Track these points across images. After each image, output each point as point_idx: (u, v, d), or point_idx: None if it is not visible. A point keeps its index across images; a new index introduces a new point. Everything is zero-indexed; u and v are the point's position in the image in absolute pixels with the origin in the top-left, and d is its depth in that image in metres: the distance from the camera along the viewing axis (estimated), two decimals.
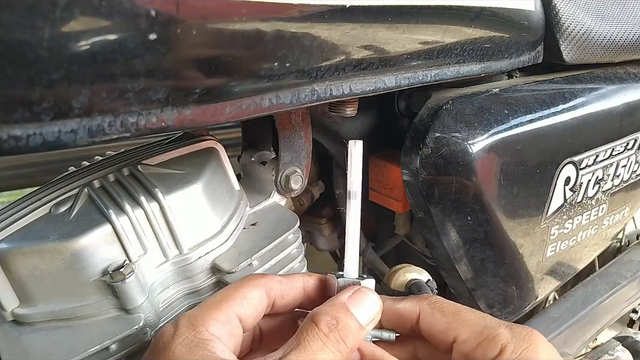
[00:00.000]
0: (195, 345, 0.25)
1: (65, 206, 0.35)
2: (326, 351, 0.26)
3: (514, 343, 0.27)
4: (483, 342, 0.28)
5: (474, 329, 0.28)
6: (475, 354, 0.28)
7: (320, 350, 0.26)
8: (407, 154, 0.41)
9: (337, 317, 0.27)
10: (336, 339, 0.26)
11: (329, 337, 0.26)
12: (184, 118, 0.24)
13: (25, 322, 0.35)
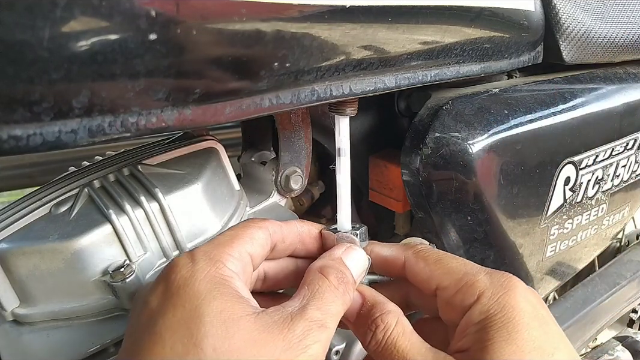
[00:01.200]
0: (219, 282, 0.25)
1: (65, 206, 0.35)
2: (337, 303, 0.27)
3: (492, 289, 0.28)
4: (462, 289, 0.29)
5: (454, 276, 0.29)
6: (455, 300, 0.29)
7: (333, 302, 0.27)
8: (407, 154, 0.41)
9: (342, 271, 0.29)
10: (344, 290, 0.28)
11: (339, 289, 0.28)
12: (184, 118, 0.24)
13: (25, 322, 0.35)
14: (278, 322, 0.25)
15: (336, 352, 0.53)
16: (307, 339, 0.25)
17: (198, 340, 0.23)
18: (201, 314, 0.23)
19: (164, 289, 0.25)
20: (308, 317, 0.26)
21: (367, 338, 0.29)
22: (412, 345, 0.28)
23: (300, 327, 0.25)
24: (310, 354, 0.24)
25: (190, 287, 0.24)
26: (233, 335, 0.23)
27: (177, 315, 0.24)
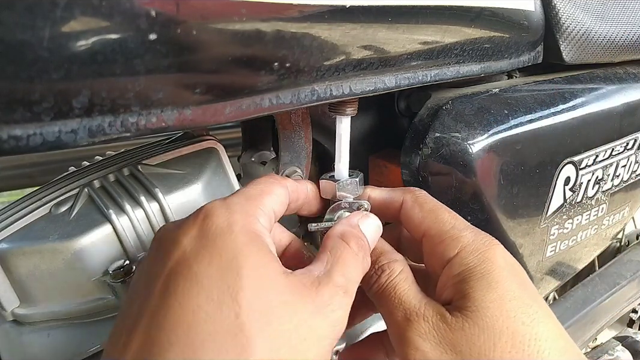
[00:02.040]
0: (254, 237, 0.25)
1: (65, 206, 0.35)
2: (358, 269, 0.28)
3: (474, 245, 0.29)
4: (445, 240, 0.30)
5: (441, 227, 0.30)
6: (437, 250, 0.30)
7: (355, 268, 0.28)
8: (407, 154, 0.41)
9: (361, 238, 0.30)
10: (363, 256, 0.29)
11: (359, 255, 0.29)
12: (184, 118, 0.24)
13: (25, 322, 0.35)
14: (307, 285, 0.26)
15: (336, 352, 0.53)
16: (333, 304, 0.26)
17: (234, 292, 0.23)
18: (238, 267, 0.24)
19: (199, 234, 0.25)
20: (333, 282, 0.26)
21: (371, 281, 0.30)
22: (411, 291, 0.29)
23: (327, 292, 0.26)
24: (334, 318, 0.25)
25: (227, 237, 0.24)
26: (267, 294, 0.24)
27: (214, 264, 0.24)
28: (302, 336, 0.24)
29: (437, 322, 0.27)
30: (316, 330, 0.24)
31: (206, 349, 0.22)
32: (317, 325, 0.25)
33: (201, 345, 0.22)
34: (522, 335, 0.26)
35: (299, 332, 0.24)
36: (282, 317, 0.23)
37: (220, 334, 0.22)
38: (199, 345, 0.22)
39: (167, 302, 0.23)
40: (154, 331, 0.22)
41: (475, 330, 0.26)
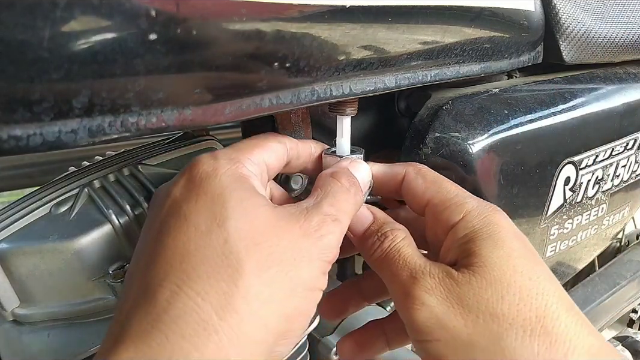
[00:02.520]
0: (239, 178, 0.26)
1: (65, 206, 0.35)
2: (349, 202, 0.29)
3: (478, 210, 0.29)
4: (450, 207, 0.30)
5: (446, 195, 0.31)
6: (442, 216, 0.30)
7: (345, 200, 0.29)
8: (407, 154, 0.41)
9: (352, 176, 0.31)
10: (355, 192, 0.30)
11: (350, 190, 0.30)
12: (184, 118, 0.24)
13: (25, 322, 0.35)
14: (295, 214, 0.26)
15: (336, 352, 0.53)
16: (322, 230, 0.26)
17: (221, 221, 0.24)
18: (224, 200, 0.25)
19: (187, 181, 0.26)
20: (322, 211, 0.27)
21: (373, 248, 0.30)
22: (415, 254, 0.29)
23: (315, 219, 0.26)
24: (325, 242, 0.26)
25: (213, 179, 0.26)
26: (254, 219, 0.25)
27: (201, 201, 0.25)
28: (291, 257, 0.25)
29: (444, 278, 0.27)
30: (306, 252, 0.25)
31: (200, 273, 0.23)
32: (306, 247, 0.25)
33: (194, 271, 0.23)
34: (529, 290, 0.26)
35: (288, 253, 0.24)
36: (270, 240, 0.24)
37: (212, 259, 0.23)
38: (192, 272, 0.23)
39: (160, 242, 0.24)
40: (150, 270, 0.24)
41: (483, 284, 0.26)
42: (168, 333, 0.21)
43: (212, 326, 0.22)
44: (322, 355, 0.54)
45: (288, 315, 0.24)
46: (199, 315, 0.22)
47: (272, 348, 0.24)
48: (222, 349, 0.22)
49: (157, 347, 0.21)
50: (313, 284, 0.25)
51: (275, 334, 0.24)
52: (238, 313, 0.22)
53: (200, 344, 0.21)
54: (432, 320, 0.26)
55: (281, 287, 0.24)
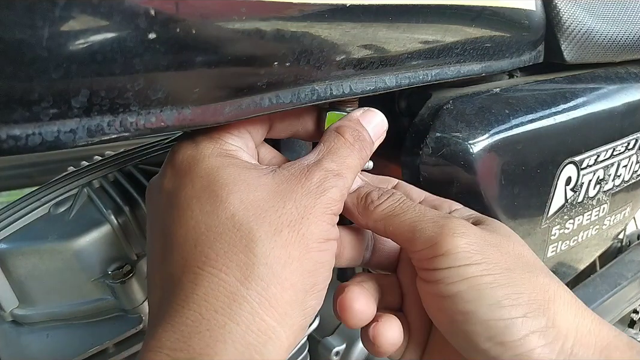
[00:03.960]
0: (226, 155, 0.26)
1: (64, 206, 0.35)
2: (353, 157, 0.29)
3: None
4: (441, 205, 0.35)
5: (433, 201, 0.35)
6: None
7: (348, 156, 0.29)
8: (408, 154, 0.40)
9: (359, 130, 0.30)
10: (360, 147, 0.30)
11: (355, 145, 0.29)
12: (184, 118, 0.24)
13: (24, 323, 0.35)
14: (295, 174, 0.27)
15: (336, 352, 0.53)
16: (324, 185, 0.26)
17: (224, 197, 0.24)
18: (220, 178, 0.25)
19: (175, 171, 0.26)
20: (324, 167, 0.27)
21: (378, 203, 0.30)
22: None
23: (317, 175, 0.27)
24: (328, 196, 0.26)
25: (202, 161, 0.26)
26: (256, 189, 0.25)
27: (197, 185, 0.25)
28: (299, 216, 0.25)
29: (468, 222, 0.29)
30: (311, 209, 0.25)
31: (217, 250, 0.23)
32: (311, 204, 0.26)
33: (211, 250, 0.23)
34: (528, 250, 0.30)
35: (295, 214, 0.25)
36: (276, 205, 0.25)
37: (225, 234, 0.24)
38: (209, 251, 0.23)
39: (170, 235, 0.25)
40: (168, 263, 0.24)
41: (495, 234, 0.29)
42: (201, 310, 0.22)
43: (242, 296, 0.22)
44: (322, 356, 0.54)
45: (310, 270, 0.25)
46: (226, 288, 0.22)
47: (304, 304, 0.25)
48: (256, 314, 0.22)
49: (193, 324, 0.22)
50: (325, 236, 0.26)
51: (303, 290, 0.25)
52: (263, 279, 0.23)
53: (233, 314, 0.22)
54: (473, 246, 0.27)
55: (297, 246, 0.24)
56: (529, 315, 0.26)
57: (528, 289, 0.27)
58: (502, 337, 0.26)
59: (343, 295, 0.29)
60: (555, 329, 0.26)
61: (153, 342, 0.22)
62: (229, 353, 0.21)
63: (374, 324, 0.29)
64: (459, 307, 0.27)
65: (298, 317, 0.24)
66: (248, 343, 0.22)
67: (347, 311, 0.29)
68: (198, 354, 0.21)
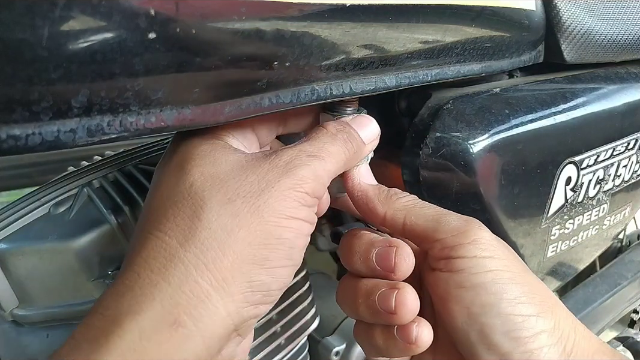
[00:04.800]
0: (210, 137, 0.27)
1: (64, 206, 0.35)
2: (335, 145, 0.28)
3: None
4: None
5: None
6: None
7: (329, 142, 0.28)
8: (408, 154, 0.40)
9: (344, 126, 0.30)
10: (343, 138, 0.29)
11: (337, 135, 0.29)
12: (184, 118, 0.24)
13: (24, 323, 0.35)
14: (267, 154, 0.27)
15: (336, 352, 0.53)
16: (294, 161, 0.26)
17: (187, 169, 0.25)
18: (192, 154, 0.26)
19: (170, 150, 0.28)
20: (297, 148, 0.27)
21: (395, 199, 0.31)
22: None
23: (287, 153, 0.26)
24: (297, 173, 0.26)
25: (186, 142, 0.27)
26: (220, 163, 0.26)
27: (173, 162, 0.27)
28: (259, 189, 0.25)
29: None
30: (274, 183, 0.25)
31: (168, 216, 0.24)
32: (274, 177, 0.25)
33: (163, 216, 0.24)
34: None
35: (255, 186, 0.25)
36: (236, 177, 0.25)
37: (178, 202, 0.24)
38: (162, 217, 0.24)
39: (145, 205, 0.27)
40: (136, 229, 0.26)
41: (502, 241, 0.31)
42: (139, 270, 0.23)
43: (178, 257, 0.23)
44: (322, 356, 0.54)
45: (261, 243, 0.24)
46: (166, 250, 0.23)
47: (250, 276, 0.24)
48: (190, 276, 0.23)
49: (129, 283, 0.23)
50: (288, 213, 0.25)
51: (249, 261, 0.24)
52: (202, 243, 0.23)
53: (167, 274, 0.22)
54: (495, 242, 0.29)
55: (248, 216, 0.24)
56: (541, 315, 0.27)
57: (540, 292, 0.28)
58: (517, 333, 0.27)
59: (401, 290, 0.28)
60: (559, 331, 0.27)
61: (96, 305, 0.23)
62: (155, 310, 0.22)
63: (416, 322, 0.29)
64: (482, 298, 0.27)
65: (240, 287, 0.24)
66: (177, 303, 0.22)
67: (404, 307, 0.28)
68: (125, 310, 0.22)
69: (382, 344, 0.30)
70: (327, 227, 0.62)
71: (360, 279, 0.31)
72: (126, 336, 0.21)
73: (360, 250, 0.30)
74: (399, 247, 0.29)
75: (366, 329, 0.31)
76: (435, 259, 0.30)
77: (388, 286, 0.29)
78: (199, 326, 0.22)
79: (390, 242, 0.30)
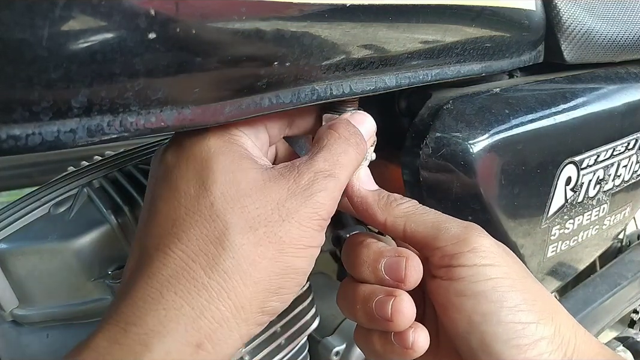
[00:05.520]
0: (228, 140, 0.27)
1: (64, 206, 0.35)
2: (349, 153, 0.28)
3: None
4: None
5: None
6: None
7: (343, 152, 0.28)
8: (408, 154, 0.40)
9: (351, 125, 0.30)
10: (355, 142, 0.29)
11: (350, 139, 0.29)
12: (184, 118, 0.24)
13: (24, 323, 0.35)
14: (284, 174, 0.26)
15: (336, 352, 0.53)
16: (313, 187, 0.26)
17: (208, 185, 0.25)
18: (211, 164, 0.26)
19: (177, 146, 0.27)
20: (314, 168, 0.27)
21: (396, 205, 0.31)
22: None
23: (305, 177, 0.26)
24: (316, 201, 0.26)
25: (201, 142, 0.26)
26: (240, 182, 0.25)
27: (190, 166, 0.26)
28: (280, 217, 0.25)
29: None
30: (294, 212, 0.25)
31: (190, 237, 0.24)
32: (295, 207, 0.25)
33: (184, 235, 0.24)
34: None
35: (275, 214, 0.25)
36: (257, 202, 0.25)
37: (200, 223, 0.24)
38: (183, 235, 0.24)
39: (154, 208, 0.26)
40: (147, 235, 0.25)
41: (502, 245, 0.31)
42: (162, 290, 0.23)
43: (202, 284, 0.23)
44: (322, 356, 0.54)
45: (279, 273, 0.25)
46: (190, 274, 0.23)
47: (265, 303, 0.25)
48: (212, 303, 0.23)
49: (152, 301, 0.23)
50: (305, 242, 0.26)
51: (266, 290, 0.25)
52: (226, 272, 0.24)
53: (191, 299, 0.23)
54: (495, 248, 0.29)
55: (270, 247, 0.25)
56: (541, 322, 0.27)
57: (540, 298, 0.28)
58: (517, 341, 0.27)
59: (398, 298, 0.28)
60: (560, 337, 0.27)
61: (115, 314, 0.23)
62: (180, 333, 0.22)
63: (413, 328, 0.29)
64: (482, 306, 0.27)
65: (254, 313, 0.25)
66: (199, 327, 0.23)
67: (400, 314, 0.28)
68: (150, 330, 0.22)
69: (380, 349, 0.30)
70: (328, 228, 0.62)
71: (359, 284, 0.31)
72: (154, 357, 0.22)
73: (368, 259, 0.30)
74: (409, 257, 0.29)
75: (365, 333, 0.31)
76: (435, 267, 0.30)
77: (385, 293, 0.29)
78: (216, 349, 0.23)
79: (400, 252, 0.30)
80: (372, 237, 0.33)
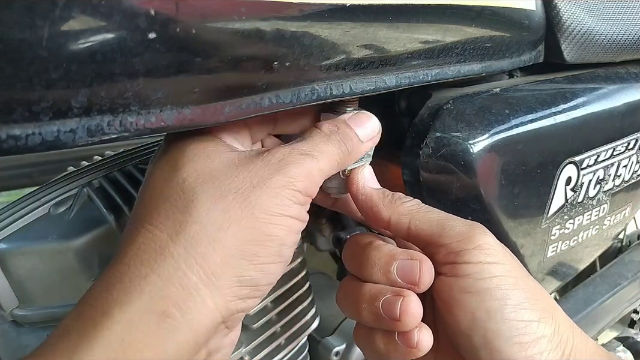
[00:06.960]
0: (206, 134, 0.27)
1: (64, 206, 0.35)
2: (329, 145, 0.28)
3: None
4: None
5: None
6: None
7: (323, 142, 0.28)
8: (408, 154, 0.40)
9: (337, 125, 0.30)
10: (337, 139, 0.29)
11: (331, 136, 0.29)
12: (184, 118, 0.24)
13: (24, 323, 0.35)
14: (260, 152, 0.27)
15: (336, 352, 0.53)
16: (287, 159, 0.26)
17: (181, 165, 0.26)
18: (185, 148, 0.26)
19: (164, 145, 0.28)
20: (291, 146, 0.27)
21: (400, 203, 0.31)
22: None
23: (280, 152, 0.26)
24: (289, 170, 0.26)
25: (181, 138, 0.27)
26: (213, 161, 0.26)
27: (167, 155, 0.27)
28: (251, 184, 0.25)
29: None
30: (266, 179, 0.25)
31: (160, 210, 0.24)
32: (267, 175, 0.25)
33: (155, 210, 0.25)
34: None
35: (247, 182, 0.25)
36: (229, 173, 0.25)
37: (171, 197, 0.25)
38: (154, 211, 0.25)
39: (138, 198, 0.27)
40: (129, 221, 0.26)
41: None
42: (129, 262, 0.23)
43: (169, 251, 0.23)
44: (322, 356, 0.54)
45: (251, 240, 0.25)
46: (156, 243, 0.23)
47: (240, 272, 0.24)
48: (179, 269, 0.23)
49: (119, 275, 0.23)
50: (278, 210, 0.25)
51: (239, 256, 0.24)
52: (193, 237, 0.23)
53: (157, 267, 0.23)
54: (499, 247, 0.29)
55: (239, 212, 0.24)
56: (542, 321, 0.28)
57: (541, 297, 0.29)
58: (519, 338, 0.27)
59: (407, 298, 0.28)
60: (559, 336, 0.28)
61: (86, 295, 0.23)
62: (144, 302, 0.22)
63: (417, 327, 0.29)
64: (486, 304, 0.27)
65: (228, 282, 0.24)
66: (166, 295, 0.22)
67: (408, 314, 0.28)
68: (113, 300, 0.22)
69: (382, 348, 0.30)
70: (328, 228, 0.62)
71: (364, 283, 0.30)
72: (114, 327, 0.21)
73: (380, 262, 0.30)
74: (422, 260, 0.29)
75: (367, 332, 0.31)
76: (440, 264, 0.30)
77: (392, 293, 0.29)
78: (186, 318, 0.23)
79: (413, 255, 0.29)
80: (378, 239, 0.33)
